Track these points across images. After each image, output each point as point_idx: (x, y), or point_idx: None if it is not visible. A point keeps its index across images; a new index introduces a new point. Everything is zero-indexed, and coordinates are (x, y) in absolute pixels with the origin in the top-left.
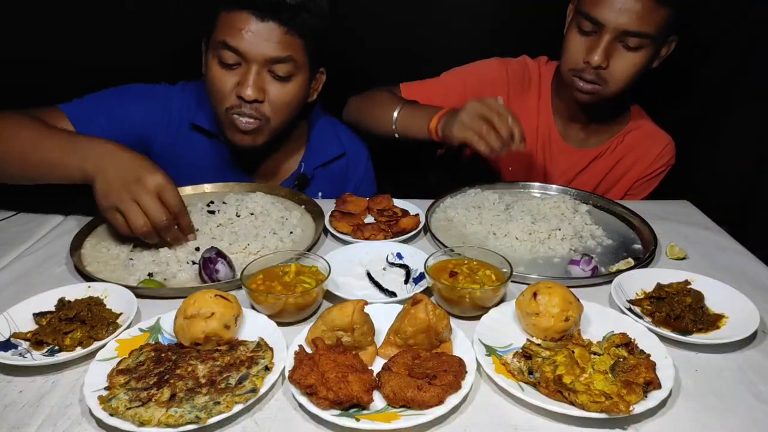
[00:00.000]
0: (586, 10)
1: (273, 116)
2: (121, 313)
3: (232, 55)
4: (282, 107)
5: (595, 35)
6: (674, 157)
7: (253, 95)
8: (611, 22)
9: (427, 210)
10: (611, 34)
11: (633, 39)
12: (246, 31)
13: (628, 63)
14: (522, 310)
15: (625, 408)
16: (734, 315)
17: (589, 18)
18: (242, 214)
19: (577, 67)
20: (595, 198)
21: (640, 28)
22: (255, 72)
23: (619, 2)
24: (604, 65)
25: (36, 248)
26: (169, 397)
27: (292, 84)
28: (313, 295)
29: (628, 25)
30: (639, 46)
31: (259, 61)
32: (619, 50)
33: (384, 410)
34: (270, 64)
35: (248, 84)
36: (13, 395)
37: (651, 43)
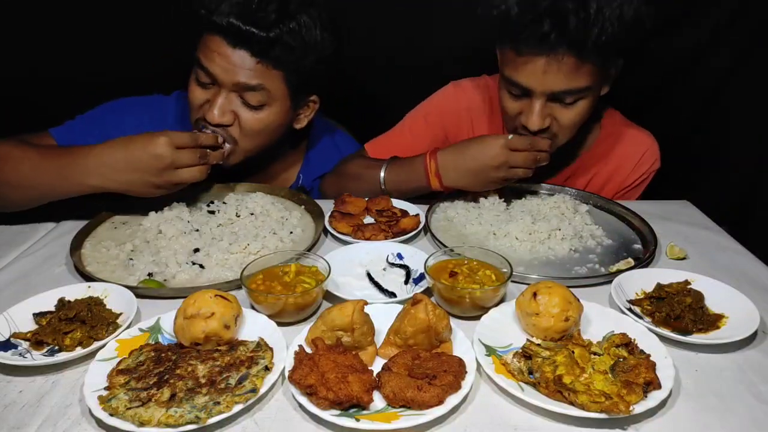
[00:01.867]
0: (508, 75)
1: (242, 140)
2: (121, 313)
3: (204, 75)
4: (252, 133)
5: (526, 98)
6: (659, 160)
7: (217, 119)
8: (538, 86)
9: (427, 210)
10: (541, 97)
11: (568, 96)
12: (218, 54)
13: (571, 115)
14: (522, 310)
15: (625, 408)
16: (734, 315)
17: (514, 84)
18: (242, 214)
19: (519, 128)
20: (595, 198)
21: (570, 86)
22: (224, 96)
23: (539, 67)
24: (545, 127)
25: (36, 248)
26: (169, 397)
27: (265, 112)
28: (313, 295)
29: (557, 86)
30: (576, 99)
31: (228, 86)
32: (556, 108)
33: (384, 410)
34: (241, 90)
35: (215, 106)
36: (13, 395)
37: (588, 92)
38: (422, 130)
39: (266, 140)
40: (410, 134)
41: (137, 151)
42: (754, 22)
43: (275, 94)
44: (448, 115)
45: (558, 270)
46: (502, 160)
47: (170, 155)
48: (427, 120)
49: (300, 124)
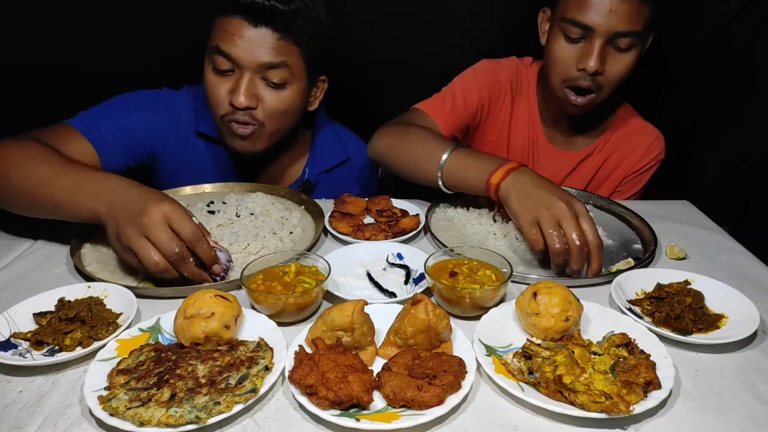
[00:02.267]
0: (572, 16)
1: (268, 122)
2: (121, 313)
3: (225, 61)
4: (277, 114)
5: (584, 41)
6: (664, 151)
7: (245, 102)
8: (602, 25)
9: (427, 210)
10: (603, 37)
11: (624, 40)
12: (239, 36)
13: (622, 64)
14: (522, 310)
15: (625, 408)
16: (734, 315)
17: (577, 24)
18: (242, 214)
19: (571, 76)
20: (595, 198)
21: (630, 28)
22: (248, 79)
23: (606, 5)
24: (600, 70)
25: (36, 248)
26: (169, 397)
27: (287, 91)
28: (312, 295)
29: (619, 26)
30: (630, 46)
31: (251, 67)
32: (611, 53)
33: (384, 410)
34: (263, 71)
35: (240, 91)
36: (13, 395)
37: (639, 41)
38: (472, 92)
39: (288, 122)
40: (461, 96)
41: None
42: (754, 22)
43: (296, 71)
44: (492, 82)
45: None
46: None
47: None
48: (477, 83)
49: (312, 106)
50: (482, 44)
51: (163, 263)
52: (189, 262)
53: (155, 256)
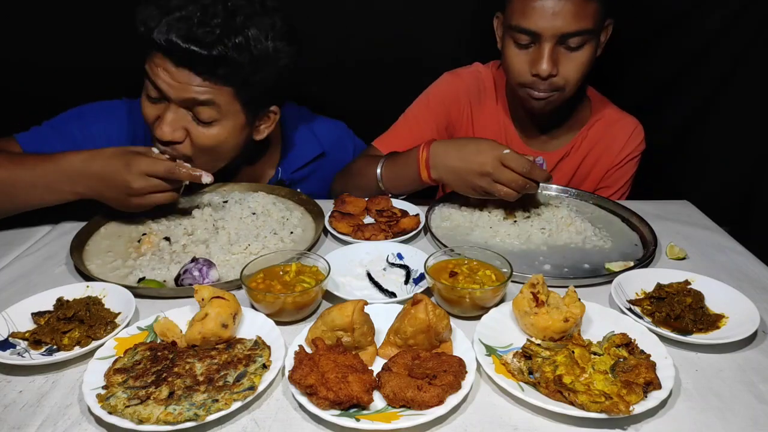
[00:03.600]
0: (516, 23)
1: (195, 156)
2: (119, 313)
3: (153, 90)
4: (204, 150)
5: (534, 46)
6: (644, 141)
7: (168, 136)
8: (548, 29)
9: (427, 210)
10: (551, 41)
11: (574, 39)
12: (163, 70)
13: (576, 63)
14: (519, 310)
15: (625, 408)
16: (734, 315)
17: (523, 30)
18: (243, 214)
19: (526, 81)
20: (595, 198)
21: (577, 27)
22: (173, 111)
23: (549, 8)
24: (554, 73)
25: (36, 248)
26: (167, 395)
27: (216, 128)
28: (311, 294)
29: (565, 27)
30: (582, 43)
31: (177, 101)
32: (563, 54)
33: (384, 410)
34: (191, 105)
35: (164, 123)
36: (13, 395)
37: (591, 37)
38: (426, 118)
39: (222, 156)
40: (415, 124)
41: (114, 174)
42: (753, 22)
43: (226, 109)
44: (448, 101)
45: (558, 270)
46: (488, 170)
47: (143, 185)
48: (429, 107)
49: (260, 135)
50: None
51: (174, 196)
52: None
53: (168, 197)
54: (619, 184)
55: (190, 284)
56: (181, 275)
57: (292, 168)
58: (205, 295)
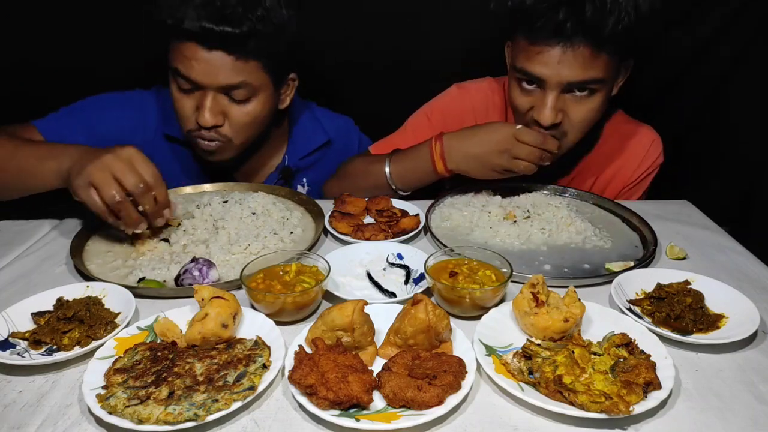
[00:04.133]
0: (521, 66)
1: (235, 136)
2: (119, 313)
3: (185, 83)
4: (243, 127)
5: (539, 91)
6: (662, 154)
7: (211, 121)
8: (552, 77)
9: (427, 210)
10: (555, 89)
11: (582, 88)
12: (195, 60)
13: (584, 110)
14: (519, 310)
15: (625, 408)
16: (734, 315)
17: (527, 74)
18: (243, 214)
19: (528, 123)
20: (595, 198)
21: (585, 77)
22: (211, 98)
23: (554, 56)
24: (557, 121)
25: (36, 248)
26: (167, 395)
27: (252, 104)
28: (311, 294)
29: (572, 76)
30: (591, 91)
31: (213, 87)
32: (569, 102)
33: (384, 410)
34: (226, 90)
35: (205, 110)
36: (13, 395)
37: (603, 86)
38: (425, 130)
39: (257, 130)
40: (413, 135)
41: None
42: (753, 22)
43: (258, 84)
44: (451, 116)
45: (558, 270)
46: (507, 147)
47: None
48: (430, 120)
49: (284, 104)
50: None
51: (121, 195)
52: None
53: (114, 188)
54: (634, 198)
55: (190, 284)
56: (181, 275)
57: (298, 155)
58: (205, 295)
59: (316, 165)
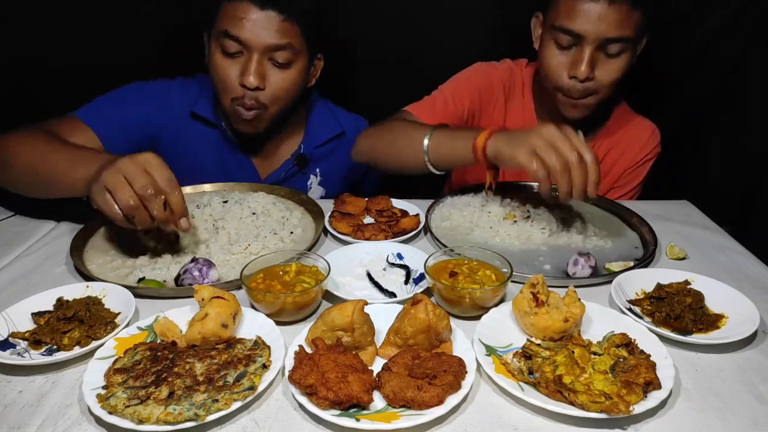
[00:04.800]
0: (561, 24)
1: (271, 104)
2: (119, 313)
3: (234, 44)
4: (281, 94)
5: (575, 48)
6: (660, 144)
7: (256, 82)
8: (591, 32)
9: (427, 210)
10: (593, 44)
11: (614, 45)
12: (247, 20)
13: (613, 69)
14: (519, 310)
15: (625, 408)
16: (734, 315)
17: (567, 31)
18: (243, 214)
19: (563, 84)
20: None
21: (620, 34)
22: (256, 60)
23: (595, 12)
24: (591, 76)
25: (36, 248)
26: (167, 395)
27: (292, 71)
28: (311, 294)
29: (609, 32)
30: (620, 51)
31: (259, 49)
32: (602, 59)
33: (384, 410)
34: (270, 52)
35: (250, 72)
36: (13, 395)
37: (630, 46)
38: (462, 94)
39: (290, 101)
40: (451, 99)
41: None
42: (753, 22)
43: (298, 49)
44: (484, 86)
45: (558, 270)
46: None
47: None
48: (468, 85)
49: (311, 82)
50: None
51: (135, 200)
52: (160, 205)
53: (128, 193)
54: (631, 186)
55: (190, 284)
56: (181, 275)
57: (313, 144)
58: (205, 295)
59: (329, 156)
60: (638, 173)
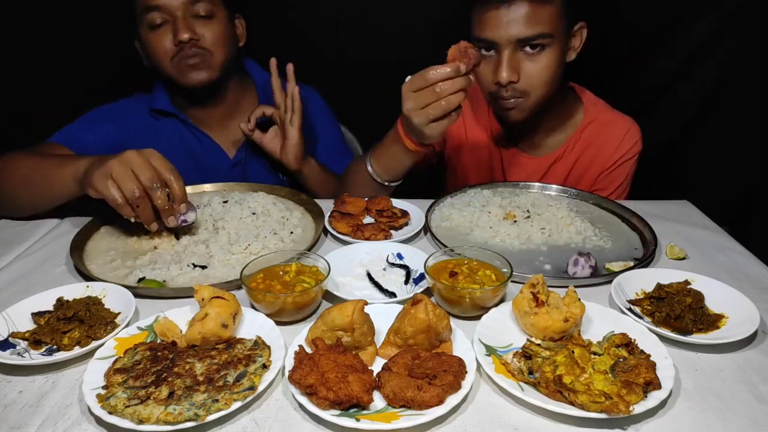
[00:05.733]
0: (476, 35)
1: (213, 49)
2: (119, 313)
3: (156, 15)
4: (215, 43)
5: (495, 55)
6: (640, 141)
7: (187, 36)
8: (502, 36)
9: (427, 210)
10: (507, 48)
11: (531, 44)
12: None
13: (538, 66)
14: (519, 310)
15: (625, 408)
16: (734, 315)
17: (482, 41)
18: (243, 214)
19: (492, 89)
20: (595, 198)
21: (532, 32)
22: (180, 19)
23: (502, 17)
24: (514, 79)
25: (36, 248)
26: (167, 395)
27: (215, 22)
28: (311, 294)
29: (519, 33)
30: (541, 48)
31: (179, 7)
32: (522, 60)
33: (384, 410)
34: (190, 6)
35: (179, 30)
36: (13, 395)
37: (552, 41)
38: None
39: (229, 48)
40: None
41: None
42: (750, 23)
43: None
44: None
45: (558, 270)
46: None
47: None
48: None
49: (242, 42)
50: None
51: (139, 189)
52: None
53: (132, 182)
54: (613, 187)
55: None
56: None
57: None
58: (205, 295)
59: None
60: (618, 174)
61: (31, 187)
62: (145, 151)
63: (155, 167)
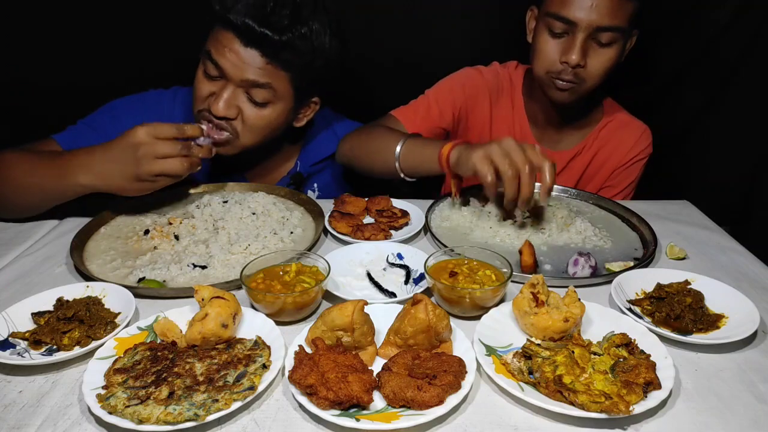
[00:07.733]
0: (555, 11)
1: (243, 135)
2: (119, 313)
3: (213, 68)
4: (254, 129)
5: (567, 36)
6: (651, 145)
7: (223, 112)
8: (584, 20)
9: (427, 210)
10: (585, 32)
11: (605, 34)
12: (229, 50)
13: (603, 59)
14: (519, 310)
15: (625, 408)
16: (734, 315)
17: (561, 18)
18: (243, 214)
19: (554, 69)
20: (595, 198)
21: (612, 23)
22: (231, 90)
23: (588, 0)
24: (582, 64)
25: (36, 248)
26: (167, 395)
27: (268, 110)
28: (311, 294)
29: (601, 21)
30: (611, 41)
31: (235, 81)
32: (593, 47)
33: (384, 410)
34: (248, 87)
35: (221, 99)
36: (13, 395)
37: (621, 37)
38: (446, 99)
39: (266, 136)
40: (435, 103)
41: (116, 142)
42: (753, 23)
43: (281, 93)
44: (470, 90)
45: (558, 270)
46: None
47: (148, 143)
48: (451, 92)
49: (299, 123)
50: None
51: (184, 163)
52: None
53: (177, 164)
54: (623, 185)
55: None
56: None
57: (310, 162)
58: (205, 295)
59: (325, 170)
60: (629, 173)
61: (24, 194)
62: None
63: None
